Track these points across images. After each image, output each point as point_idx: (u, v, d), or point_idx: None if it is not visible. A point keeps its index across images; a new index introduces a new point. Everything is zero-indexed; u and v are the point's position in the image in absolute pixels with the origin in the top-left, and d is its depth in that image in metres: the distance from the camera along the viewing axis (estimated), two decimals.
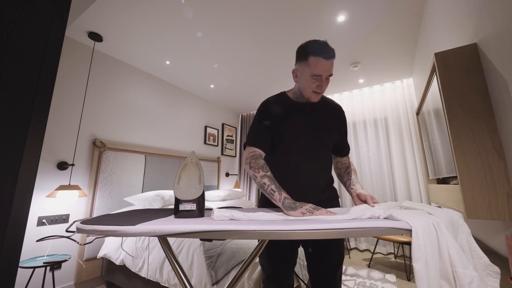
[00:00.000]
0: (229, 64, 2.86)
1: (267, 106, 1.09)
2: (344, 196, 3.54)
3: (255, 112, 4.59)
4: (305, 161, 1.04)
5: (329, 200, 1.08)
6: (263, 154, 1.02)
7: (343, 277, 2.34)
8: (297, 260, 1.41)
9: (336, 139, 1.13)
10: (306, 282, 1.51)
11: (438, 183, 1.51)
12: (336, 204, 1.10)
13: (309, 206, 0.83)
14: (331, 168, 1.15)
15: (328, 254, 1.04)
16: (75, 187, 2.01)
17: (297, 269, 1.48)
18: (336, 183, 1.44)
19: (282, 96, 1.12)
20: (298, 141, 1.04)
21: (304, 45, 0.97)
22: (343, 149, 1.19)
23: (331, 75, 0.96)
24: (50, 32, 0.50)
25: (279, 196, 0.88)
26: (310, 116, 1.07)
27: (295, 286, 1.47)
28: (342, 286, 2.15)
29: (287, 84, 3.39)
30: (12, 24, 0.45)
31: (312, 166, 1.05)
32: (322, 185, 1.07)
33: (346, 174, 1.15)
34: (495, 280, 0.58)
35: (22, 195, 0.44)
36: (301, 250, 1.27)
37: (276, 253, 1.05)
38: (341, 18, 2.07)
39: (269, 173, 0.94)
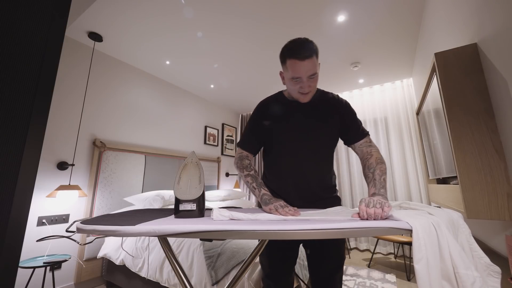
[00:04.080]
0: (229, 64, 2.86)
1: (260, 106, 1.10)
2: (344, 197, 3.54)
3: None
4: (299, 160, 1.03)
5: (325, 201, 1.04)
6: (250, 155, 1.08)
7: (344, 277, 2.33)
8: (297, 260, 1.41)
9: (336, 136, 1.07)
10: (306, 282, 1.51)
11: (438, 183, 1.51)
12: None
13: (279, 203, 0.85)
14: (330, 169, 1.09)
15: (327, 256, 1.03)
16: (75, 187, 2.01)
17: (297, 269, 1.48)
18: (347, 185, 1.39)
19: (278, 95, 1.11)
20: (292, 140, 1.03)
21: (283, 47, 0.95)
22: (355, 136, 1.04)
23: (314, 74, 0.91)
24: (50, 32, 0.50)
25: (258, 192, 0.95)
26: (305, 114, 1.04)
27: (295, 286, 1.47)
28: (342, 286, 2.14)
29: None
30: (12, 24, 0.45)
31: (306, 166, 1.02)
32: (316, 185, 1.04)
33: (365, 176, 0.95)
34: (496, 280, 0.58)
35: (22, 195, 0.44)
36: (302, 250, 1.27)
37: (276, 251, 1.05)
38: (341, 18, 2.07)
39: (252, 172, 1.01)
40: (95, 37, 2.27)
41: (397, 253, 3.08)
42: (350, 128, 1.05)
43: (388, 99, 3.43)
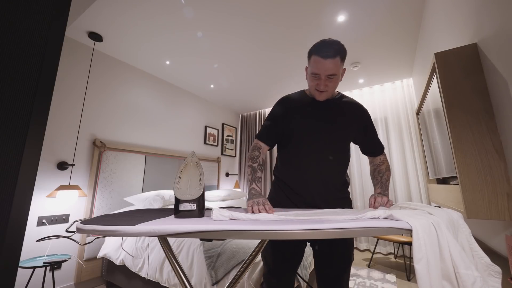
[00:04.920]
0: (229, 64, 2.86)
1: (282, 101, 1.13)
2: None
3: (255, 112, 4.61)
4: (312, 158, 1.04)
5: (337, 201, 1.05)
6: (263, 147, 1.09)
7: None
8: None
9: (351, 138, 1.11)
10: (307, 281, 1.51)
11: (438, 183, 1.51)
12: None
13: (257, 199, 0.87)
14: (344, 169, 1.10)
15: (335, 256, 1.04)
16: (75, 187, 2.01)
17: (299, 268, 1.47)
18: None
19: (300, 93, 1.14)
20: (307, 136, 1.05)
21: (314, 44, 0.99)
22: (373, 150, 1.15)
23: (333, 74, 0.93)
24: (50, 31, 0.50)
25: (249, 185, 0.99)
26: (323, 113, 1.06)
27: (295, 286, 1.47)
28: None
29: (287, 84, 3.39)
30: (12, 24, 0.45)
31: (321, 163, 1.03)
32: (328, 184, 1.04)
33: (372, 179, 1.11)
34: (497, 280, 0.58)
35: (22, 195, 0.44)
36: (307, 250, 1.26)
37: (281, 249, 1.04)
38: (341, 18, 2.07)
39: (255, 165, 1.04)
40: (95, 37, 2.27)
41: (397, 253, 3.08)
42: (373, 141, 1.14)
43: (388, 99, 3.43)
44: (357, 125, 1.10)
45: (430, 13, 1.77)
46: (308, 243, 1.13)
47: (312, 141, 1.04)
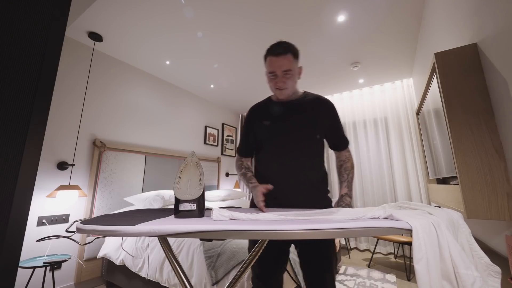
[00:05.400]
0: (229, 64, 2.86)
1: (250, 111, 1.20)
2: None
3: None
4: (283, 160, 1.06)
5: (314, 200, 1.05)
6: (244, 160, 1.20)
7: (344, 277, 2.34)
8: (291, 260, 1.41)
9: (322, 134, 1.12)
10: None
11: (438, 183, 1.51)
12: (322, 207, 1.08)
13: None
14: (316, 165, 1.11)
15: (316, 256, 1.04)
16: (75, 187, 2.01)
17: (296, 269, 1.47)
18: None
19: (266, 99, 1.20)
20: (274, 140, 1.09)
21: (266, 50, 1.05)
22: (338, 144, 1.17)
23: (288, 70, 0.99)
24: (50, 32, 0.50)
25: (249, 186, 1.07)
26: (288, 114, 1.09)
27: (294, 286, 1.47)
28: (342, 286, 2.14)
29: None
30: (12, 24, 0.45)
31: (290, 164, 1.05)
32: (302, 183, 1.05)
33: (338, 175, 1.17)
34: (496, 280, 0.58)
35: (22, 195, 0.44)
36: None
37: (266, 252, 1.05)
38: (341, 18, 2.07)
39: (242, 171, 1.15)
40: (95, 37, 2.27)
41: (397, 253, 3.08)
42: (337, 135, 1.16)
43: (388, 99, 3.43)
44: (322, 120, 1.11)
45: (430, 13, 1.77)
46: (292, 244, 1.14)
47: (279, 144, 1.07)
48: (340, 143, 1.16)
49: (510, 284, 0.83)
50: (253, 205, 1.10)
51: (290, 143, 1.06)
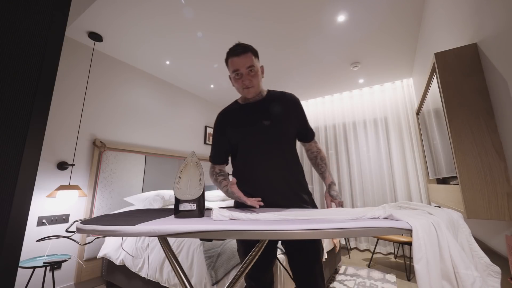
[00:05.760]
0: None
1: (218, 117, 1.18)
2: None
3: None
4: (258, 162, 1.06)
5: (296, 198, 1.06)
6: (216, 167, 1.16)
7: (344, 277, 2.34)
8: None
9: (294, 129, 1.14)
10: None
11: (438, 183, 1.51)
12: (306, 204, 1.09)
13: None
14: (293, 161, 1.12)
15: (302, 251, 1.06)
16: (75, 187, 2.01)
17: None
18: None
19: (232, 103, 1.20)
20: (247, 143, 1.09)
21: (226, 54, 1.08)
22: (306, 135, 1.20)
23: (251, 66, 1.02)
24: (50, 32, 0.50)
25: (225, 190, 1.07)
26: (256, 115, 1.10)
27: (294, 286, 1.47)
28: (342, 286, 2.14)
29: (286, 84, 3.39)
30: (12, 24, 0.45)
31: (267, 165, 1.05)
32: (281, 182, 1.06)
33: (316, 166, 1.21)
34: (496, 280, 0.58)
35: (22, 195, 0.44)
36: None
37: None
38: (341, 18, 2.07)
39: (213, 177, 1.13)
40: (95, 37, 2.27)
41: (397, 253, 3.08)
42: (306, 127, 1.19)
43: (388, 99, 3.43)
44: (292, 114, 1.13)
45: (430, 13, 1.77)
46: (279, 242, 1.16)
47: (257, 145, 1.07)
48: (309, 134, 1.21)
49: (510, 284, 0.83)
50: (238, 205, 1.11)
51: (267, 142, 1.07)
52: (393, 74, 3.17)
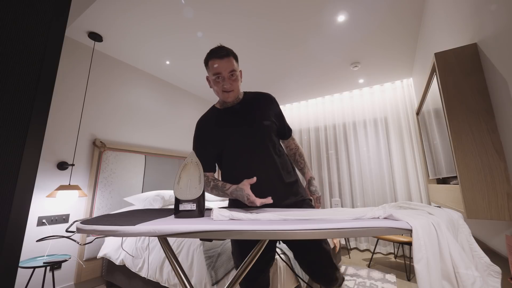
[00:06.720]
0: None
1: (198, 125, 1.16)
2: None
3: None
4: (246, 165, 1.05)
5: (289, 198, 1.06)
6: (207, 174, 1.12)
7: (344, 277, 2.34)
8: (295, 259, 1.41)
9: (275, 127, 1.13)
10: (306, 281, 1.51)
11: (438, 183, 1.51)
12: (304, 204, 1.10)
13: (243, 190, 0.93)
14: (281, 161, 1.10)
15: (306, 246, 1.07)
16: (75, 187, 2.01)
17: (296, 269, 1.47)
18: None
19: (210, 109, 1.19)
20: (232, 148, 1.07)
21: (206, 54, 1.06)
22: (284, 133, 1.22)
23: (233, 70, 1.01)
24: (50, 32, 0.50)
25: (229, 192, 1.01)
26: (237, 118, 1.09)
27: (295, 286, 1.47)
28: (342, 286, 2.14)
29: (286, 83, 3.39)
30: (11, 24, 0.45)
31: (255, 168, 1.04)
32: (272, 184, 1.05)
33: (295, 162, 1.23)
34: (497, 280, 0.58)
35: (22, 195, 0.44)
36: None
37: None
38: (341, 18, 2.07)
39: (209, 188, 1.09)
40: (95, 37, 2.27)
41: (397, 253, 3.08)
42: (283, 125, 1.21)
43: (388, 99, 3.43)
44: (271, 113, 1.13)
45: (430, 13, 1.77)
46: (277, 242, 1.17)
47: (239, 150, 1.06)
48: (286, 131, 1.23)
49: (510, 284, 0.83)
50: (232, 204, 1.10)
51: (252, 145, 1.05)
52: (393, 74, 3.17)
